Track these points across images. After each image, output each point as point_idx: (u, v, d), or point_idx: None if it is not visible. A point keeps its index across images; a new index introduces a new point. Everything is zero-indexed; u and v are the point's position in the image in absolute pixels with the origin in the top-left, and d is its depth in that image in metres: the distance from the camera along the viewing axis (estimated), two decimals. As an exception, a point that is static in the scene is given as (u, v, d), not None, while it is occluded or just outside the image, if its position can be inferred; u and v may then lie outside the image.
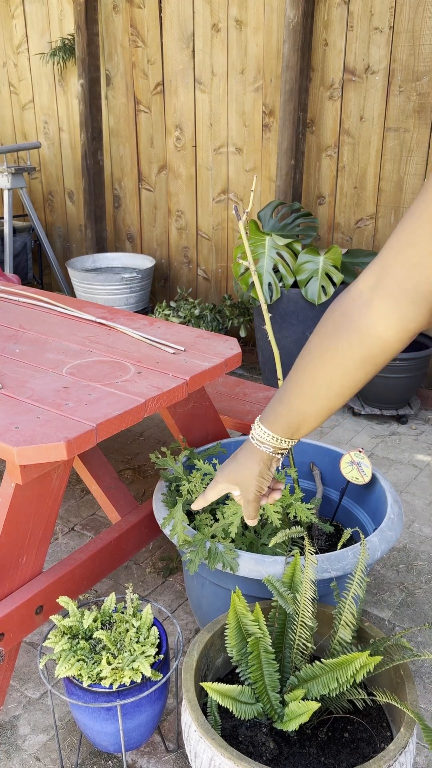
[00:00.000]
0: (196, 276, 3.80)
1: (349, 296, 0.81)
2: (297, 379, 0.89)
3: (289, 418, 0.93)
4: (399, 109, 2.84)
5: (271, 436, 0.96)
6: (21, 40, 4.07)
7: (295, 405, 0.91)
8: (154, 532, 1.83)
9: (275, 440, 0.96)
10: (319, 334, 0.85)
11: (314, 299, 2.76)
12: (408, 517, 2.32)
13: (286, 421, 0.93)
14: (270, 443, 0.97)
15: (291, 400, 0.91)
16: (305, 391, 0.88)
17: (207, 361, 1.68)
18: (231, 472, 1.04)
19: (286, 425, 0.94)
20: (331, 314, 0.84)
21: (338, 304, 0.83)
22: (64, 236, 4.39)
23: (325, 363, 0.84)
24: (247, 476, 1.02)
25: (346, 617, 1.25)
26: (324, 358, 0.84)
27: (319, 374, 0.86)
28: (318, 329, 0.86)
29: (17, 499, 1.42)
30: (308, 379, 0.87)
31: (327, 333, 0.84)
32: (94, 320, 1.97)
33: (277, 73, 3.12)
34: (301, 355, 0.89)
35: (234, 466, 1.03)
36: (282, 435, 0.95)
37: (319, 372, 0.86)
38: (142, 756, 1.46)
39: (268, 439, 0.96)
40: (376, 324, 0.78)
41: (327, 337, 0.84)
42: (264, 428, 0.97)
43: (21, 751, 1.48)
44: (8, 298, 2.18)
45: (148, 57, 3.54)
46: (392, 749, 1.07)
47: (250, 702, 1.21)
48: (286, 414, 0.93)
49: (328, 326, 0.84)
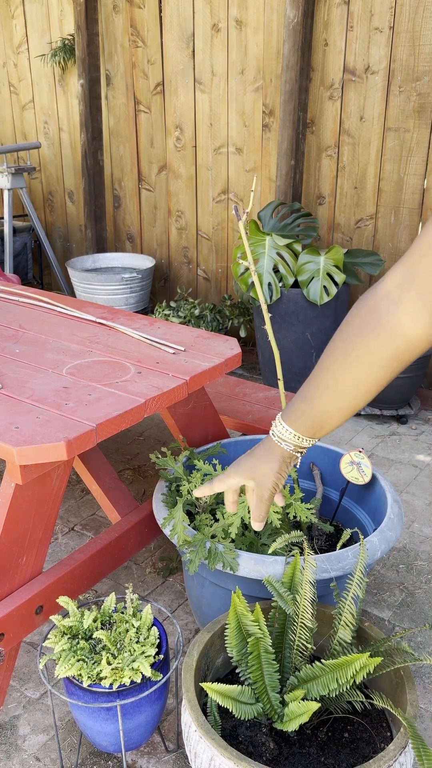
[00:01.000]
0: (196, 276, 3.80)
1: (375, 295, 0.81)
2: (322, 378, 0.89)
3: (312, 417, 0.92)
4: (399, 109, 2.84)
5: (293, 434, 0.95)
6: (21, 40, 4.07)
7: (319, 404, 0.90)
8: (154, 532, 1.83)
9: (297, 438, 0.95)
10: (344, 333, 0.85)
11: (316, 299, 2.76)
12: (408, 517, 2.32)
13: (310, 419, 0.92)
14: (291, 441, 0.96)
15: (315, 398, 0.90)
16: (330, 390, 0.88)
17: (207, 361, 1.68)
18: (248, 466, 1.03)
19: (309, 424, 0.93)
20: (357, 313, 0.83)
21: (364, 304, 0.82)
22: (64, 236, 4.39)
23: (352, 362, 0.84)
24: (265, 472, 1.01)
25: (346, 618, 1.25)
26: (350, 357, 0.84)
27: (346, 373, 0.85)
28: (343, 328, 0.85)
29: (17, 499, 1.42)
30: (334, 377, 0.87)
31: (353, 332, 0.83)
32: (94, 320, 1.97)
33: (277, 73, 3.12)
34: (326, 353, 0.88)
35: (252, 461, 1.03)
36: (304, 433, 0.95)
37: (346, 370, 0.85)
38: (142, 756, 1.46)
39: (290, 437, 0.96)
40: (405, 323, 0.78)
41: (353, 335, 0.83)
42: (286, 426, 0.96)
43: (21, 751, 1.48)
44: (8, 298, 2.18)
45: (148, 57, 3.54)
46: (392, 749, 1.07)
47: (250, 702, 1.21)
48: (309, 412, 0.92)
49: (354, 325, 0.83)
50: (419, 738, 1.04)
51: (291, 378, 3.03)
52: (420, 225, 2.94)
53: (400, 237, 3.01)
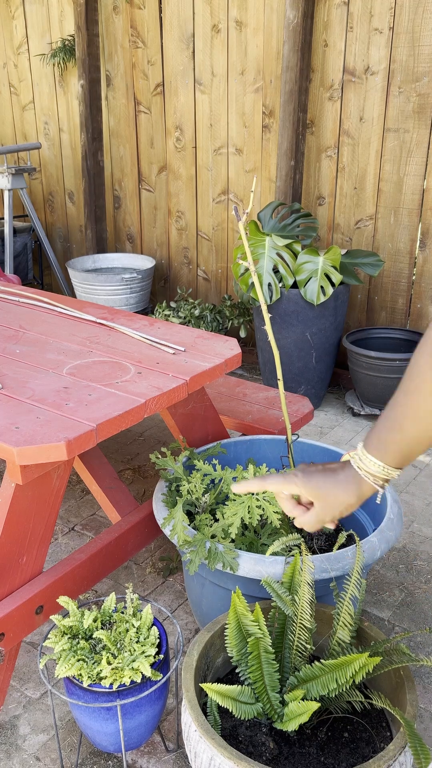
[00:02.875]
0: (196, 276, 3.80)
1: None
2: (409, 403, 0.83)
3: (402, 446, 0.86)
4: (399, 109, 2.84)
5: (381, 466, 0.89)
6: (21, 40, 4.07)
7: (409, 431, 0.85)
8: (154, 532, 1.83)
9: (385, 471, 0.89)
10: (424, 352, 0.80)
11: (313, 299, 2.76)
12: (407, 517, 2.32)
13: (399, 449, 0.87)
14: (380, 474, 0.90)
15: (404, 426, 0.85)
16: (422, 415, 0.82)
17: (207, 361, 1.69)
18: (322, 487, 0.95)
19: (399, 454, 0.87)
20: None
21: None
22: (65, 237, 4.39)
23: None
24: (341, 501, 0.94)
25: (344, 618, 1.25)
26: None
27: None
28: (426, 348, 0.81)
29: (17, 499, 1.42)
30: (424, 401, 0.81)
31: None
32: (95, 321, 1.98)
33: (277, 74, 3.12)
34: (410, 376, 0.83)
35: (330, 484, 0.95)
36: (392, 464, 0.89)
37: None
38: (142, 756, 1.46)
39: (378, 471, 0.89)
40: None
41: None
42: (372, 458, 0.89)
43: (21, 751, 1.48)
44: (8, 299, 2.18)
45: (148, 58, 3.55)
46: (392, 749, 1.08)
47: (249, 702, 1.22)
48: (399, 441, 0.86)
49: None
50: (417, 737, 1.04)
51: (291, 378, 3.03)
52: (419, 225, 2.95)
53: (400, 237, 3.01)
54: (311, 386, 3.05)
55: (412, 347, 3.03)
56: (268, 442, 1.92)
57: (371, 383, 2.92)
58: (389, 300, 3.14)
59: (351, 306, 3.27)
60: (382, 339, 3.11)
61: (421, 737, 1.39)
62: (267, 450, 1.93)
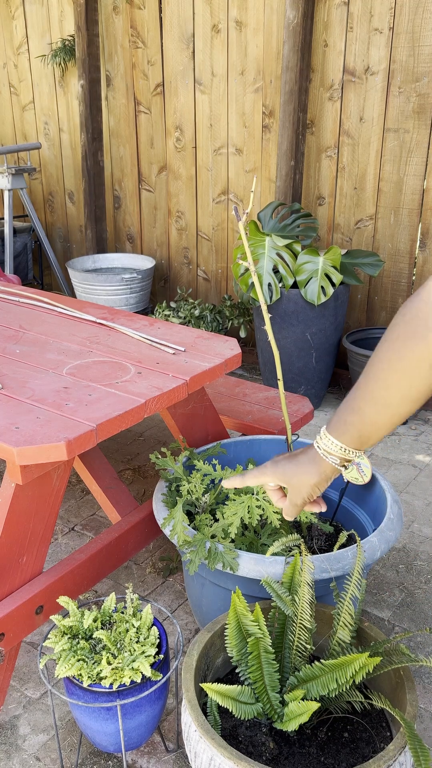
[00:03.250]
0: (196, 276, 3.80)
1: (420, 300, 0.80)
2: (369, 388, 0.87)
3: (360, 428, 0.90)
4: (399, 109, 2.84)
5: (339, 446, 0.93)
6: (21, 41, 4.07)
7: (367, 414, 0.88)
8: (154, 533, 1.83)
9: (344, 451, 0.93)
10: (390, 340, 0.83)
11: (313, 300, 2.76)
12: (407, 517, 2.32)
13: (357, 430, 0.90)
14: (338, 454, 0.94)
15: (362, 408, 0.88)
16: (378, 399, 0.86)
17: (207, 361, 1.69)
18: (287, 471, 1.01)
19: (357, 435, 0.91)
20: (401, 320, 0.82)
21: (408, 309, 0.81)
22: (65, 237, 4.39)
23: (400, 368, 0.83)
24: (304, 482, 0.99)
25: (345, 618, 1.25)
26: (400, 364, 0.82)
27: (394, 381, 0.84)
28: (388, 336, 0.84)
29: (17, 499, 1.42)
30: (382, 386, 0.85)
31: (399, 338, 0.82)
32: (95, 321, 1.98)
33: (277, 74, 3.12)
34: (371, 362, 0.87)
35: (293, 467, 1.01)
36: (351, 446, 0.93)
37: (394, 378, 0.84)
38: (142, 756, 1.46)
39: (336, 450, 0.94)
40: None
41: (400, 342, 0.82)
42: (332, 438, 0.94)
43: (21, 751, 1.48)
44: (8, 299, 2.18)
45: (148, 58, 3.55)
46: (392, 749, 1.08)
47: (249, 702, 1.22)
48: (357, 423, 0.90)
49: (400, 331, 0.82)
50: (416, 738, 1.04)
51: (291, 378, 3.03)
52: (419, 225, 2.95)
53: (400, 237, 3.01)
54: (311, 386, 3.05)
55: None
56: (268, 442, 1.92)
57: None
58: (389, 300, 3.14)
59: (351, 306, 3.27)
60: (382, 339, 3.11)
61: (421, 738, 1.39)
62: (267, 450, 1.93)
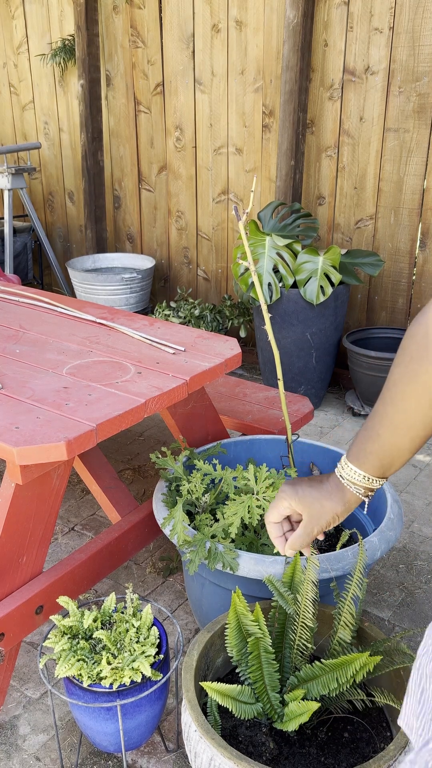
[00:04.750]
0: (196, 276, 3.80)
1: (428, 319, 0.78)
2: (386, 413, 0.85)
3: (381, 455, 0.88)
4: (399, 109, 2.84)
5: (362, 476, 0.91)
6: (21, 40, 4.07)
7: (387, 440, 0.86)
8: (154, 532, 1.83)
9: (367, 480, 0.91)
10: (402, 361, 0.81)
11: (313, 299, 2.76)
12: (408, 517, 2.32)
13: (378, 458, 0.88)
14: (362, 484, 0.91)
15: (381, 435, 0.86)
16: (396, 424, 0.84)
17: (207, 361, 1.69)
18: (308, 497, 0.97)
19: (378, 463, 0.89)
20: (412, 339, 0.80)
21: (417, 328, 0.79)
22: (65, 236, 4.39)
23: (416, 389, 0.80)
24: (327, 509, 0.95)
25: (346, 618, 1.25)
26: (415, 384, 0.80)
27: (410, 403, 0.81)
28: (400, 357, 0.82)
29: (17, 499, 1.42)
30: (399, 410, 0.83)
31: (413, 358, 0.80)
32: (94, 320, 1.98)
33: (277, 74, 3.12)
34: (386, 387, 0.85)
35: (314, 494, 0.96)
36: (374, 474, 0.90)
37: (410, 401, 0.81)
38: (142, 756, 1.46)
39: (360, 480, 0.91)
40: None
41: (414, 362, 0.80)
42: (354, 467, 0.91)
43: (21, 751, 1.48)
44: (8, 299, 2.18)
45: (148, 57, 3.54)
46: (392, 749, 1.08)
47: (249, 702, 1.22)
48: (377, 451, 0.88)
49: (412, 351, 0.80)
50: None
51: (291, 378, 3.03)
52: (420, 225, 2.95)
53: (400, 237, 3.01)
54: (311, 386, 3.05)
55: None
56: (268, 442, 1.92)
57: (371, 383, 2.92)
58: (389, 300, 3.14)
59: (351, 306, 3.27)
60: (383, 339, 3.11)
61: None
62: (267, 450, 1.93)
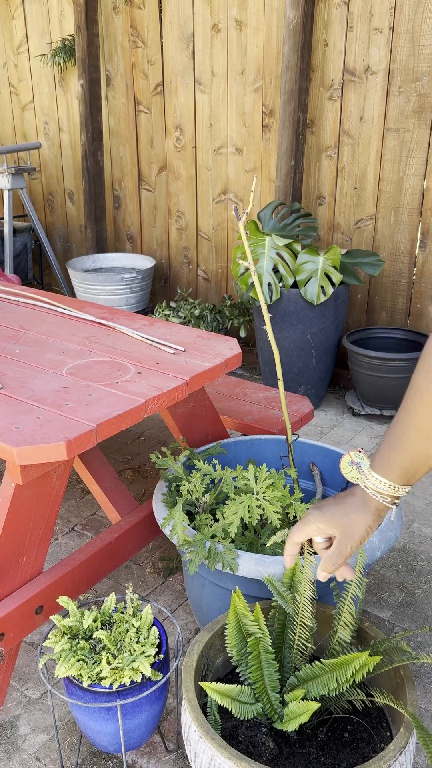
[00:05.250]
0: (196, 276, 3.80)
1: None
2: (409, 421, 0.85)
3: (405, 464, 0.88)
4: (399, 109, 2.84)
5: (387, 485, 0.90)
6: (21, 40, 4.07)
7: (411, 448, 0.86)
8: (154, 532, 1.83)
9: (392, 489, 0.91)
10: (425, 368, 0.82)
11: (313, 299, 2.76)
12: (408, 517, 2.32)
13: (403, 466, 0.88)
14: (387, 493, 0.91)
15: (405, 443, 0.86)
16: (420, 431, 0.84)
17: (207, 361, 1.69)
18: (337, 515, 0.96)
19: (403, 471, 0.88)
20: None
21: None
22: (65, 236, 4.39)
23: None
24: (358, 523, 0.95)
25: (345, 618, 1.25)
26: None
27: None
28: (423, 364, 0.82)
29: (17, 499, 1.42)
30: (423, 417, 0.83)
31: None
32: (94, 320, 1.98)
33: (277, 74, 3.12)
34: (409, 396, 0.85)
35: (342, 509, 0.96)
36: (398, 482, 0.90)
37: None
38: (142, 756, 1.46)
39: (385, 489, 0.91)
40: None
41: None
42: (378, 476, 0.91)
43: (21, 751, 1.48)
44: (8, 299, 2.18)
45: (148, 57, 3.54)
46: (392, 749, 1.07)
47: (249, 702, 1.21)
48: (401, 459, 0.88)
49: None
50: (424, 729, 1.04)
51: (291, 378, 3.03)
52: (420, 225, 2.95)
53: (400, 237, 3.01)
54: (311, 386, 3.05)
55: (413, 347, 3.03)
56: (268, 442, 1.92)
57: (371, 383, 2.92)
58: (389, 300, 3.14)
59: (351, 306, 3.27)
60: (383, 339, 3.11)
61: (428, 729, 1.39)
62: (267, 450, 1.93)
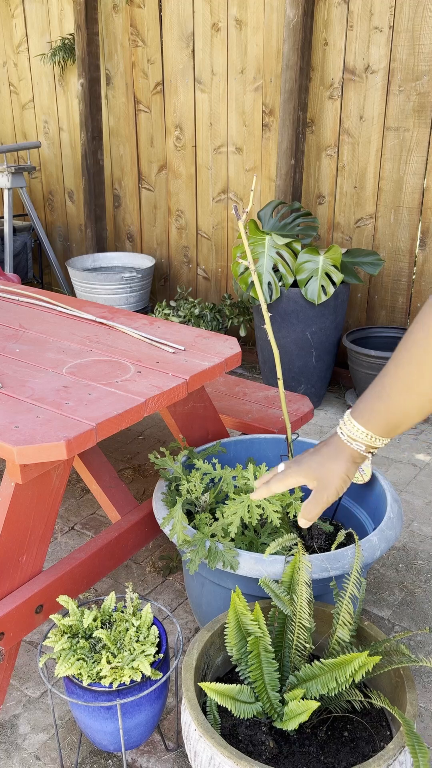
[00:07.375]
0: (196, 275, 3.80)
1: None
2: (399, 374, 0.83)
3: (388, 415, 0.86)
4: (399, 108, 2.84)
5: (365, 433, 0.89)
6: (21, 39, 4.07)
7: (397, 401, 0.84)
8: (153, 532, 1.83)
9: (369, 438, 0.89)
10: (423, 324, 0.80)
11: (314, 299, 2.76)
12: (407, 516, 2.32)
13: (385, 418, 0.87)
14: (363, 441, 0.90)
15: (392, 395, 0.84)
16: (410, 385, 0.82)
17: (207, 360, 1.69)
18: (313, 466, 0.97)
19: (384, 423, 0.87)
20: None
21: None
22: (64, 236, 4.39)
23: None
24: (333, 472, 0.95)
25: (344, 617, 1.25)
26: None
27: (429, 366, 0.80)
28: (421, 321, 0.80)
29: (17, 499, 1.42)
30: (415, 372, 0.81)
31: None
32: (94, 320, 1.98)
33: (277, 73, 3.12)
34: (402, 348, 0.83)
35: (317, 459, 0.96)
36: (378, 433, 0.89)
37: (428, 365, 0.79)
38: (142, 755, 1.46)
39: (361, 437, 0.90)
40: None
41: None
42: (357, 424, 0.90)
43: (21, 750, 1.48)
44: (8, 298, 2.18)
45: (148, 56, 3.54)
46: (392, 748, 1.08)
47: (249, 701, 1.22)
48: (384, 411, 0.86)
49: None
50: (415, 736, 1.04)
51: (291, 377, 3.03)
52: (420, 224, 2.94)
53: (400, 236, 3.01)
54: (311, 385, 3.05)
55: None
56: (267, 442, 1.92)
57: (371, 382, 2.91)
58: (389, 299, 3.14)
59: (351, 305, 3.27)
60: (383, 338, 3.11)
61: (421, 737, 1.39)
62: (267, 449, 1.93)
